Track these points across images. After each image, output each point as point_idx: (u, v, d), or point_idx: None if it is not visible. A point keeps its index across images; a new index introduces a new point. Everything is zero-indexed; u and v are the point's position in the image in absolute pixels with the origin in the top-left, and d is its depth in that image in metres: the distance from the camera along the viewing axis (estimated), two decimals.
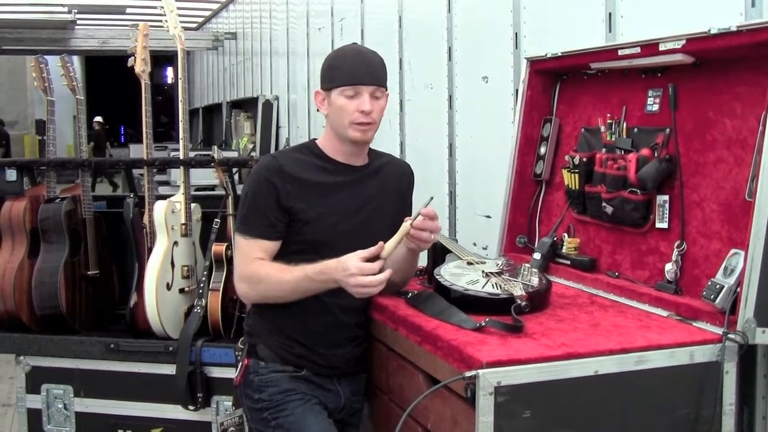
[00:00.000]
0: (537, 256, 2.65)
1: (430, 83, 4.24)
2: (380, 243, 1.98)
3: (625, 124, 2.47)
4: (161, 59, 20.45)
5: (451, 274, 2.20)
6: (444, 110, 4.08)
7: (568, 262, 2.59)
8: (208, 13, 11.41)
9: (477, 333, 1.89)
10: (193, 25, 12.55)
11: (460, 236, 3.72)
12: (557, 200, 2.80)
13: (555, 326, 1.97)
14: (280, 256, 2.18)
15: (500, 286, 2.11)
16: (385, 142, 4.59)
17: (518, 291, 2.06)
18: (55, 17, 9.86)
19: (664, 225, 2.29)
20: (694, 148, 2.22)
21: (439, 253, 2.47)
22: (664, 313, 2.11)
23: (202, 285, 3.09)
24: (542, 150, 2.84)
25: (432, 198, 2.12)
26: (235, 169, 3.35)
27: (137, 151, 8.66)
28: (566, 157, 2.67)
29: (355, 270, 1.96)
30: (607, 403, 1.77)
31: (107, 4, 9.99)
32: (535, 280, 2.17)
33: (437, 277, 2.18)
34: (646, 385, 1.80)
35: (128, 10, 10.50)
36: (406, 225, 2.03)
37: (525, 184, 2.88)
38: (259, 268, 2.14)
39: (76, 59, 18.09)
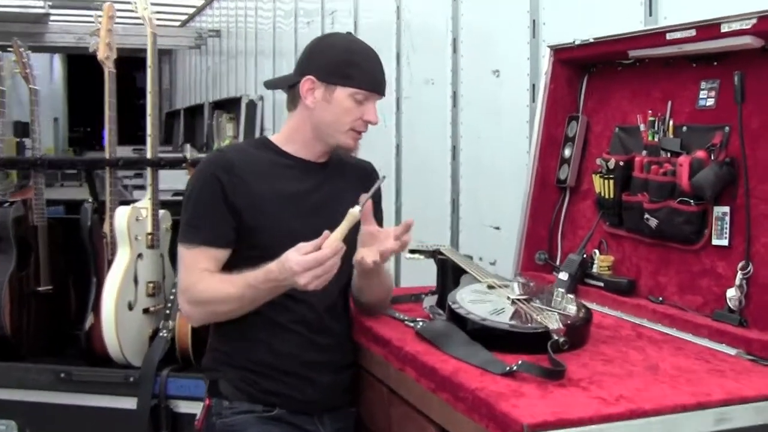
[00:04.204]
0: (563, 276, 2.26)
1: (432, 78, 3.86)
2: (325, 232, 1.66)
3: (671, 122, 2.10)
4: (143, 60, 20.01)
5: (469, 300, 1.80)
6: (447, 108, 3.72)
7: (602, 284, 2.20)
8: (192, 11, 11.04)
9: (508, 379, 1.49)
10: (176, 23, 12.19)
11: (464, 250, 3.31)
12: (584, 211, 2.42)
13: (604, 370, 1.56)
14: (232, 266, 1.83)
15: (531, 316, 1.71)
16: (380, 143, 4.24)
17: (554, 323, 1.66)
18: (28, 10, 9.43)
19: (724, 242, 1.91)
20: (764, 150, 1.83)
21: (451, 274, 2.07)
22: (731, 351, 1.72)
23: (170, 305, 2.73)
24: (567, 152, 2.46)
25: (384, 177, 1.84)
26: None
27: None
28: (598, 161, 2.30)
29: (299, 268, 1.62)
30: None
31: None
32: (572, 309, 1.78)
33: (452, 304, 1.78)
34: None
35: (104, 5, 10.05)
36: (353, 212, 1.69)
37: (546, 191, 2.50)
38: (199, 283, 1.80)
39: (57, 57, 17.46)
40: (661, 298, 2.06)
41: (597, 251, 2.28)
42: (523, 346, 1.64)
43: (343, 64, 1.88)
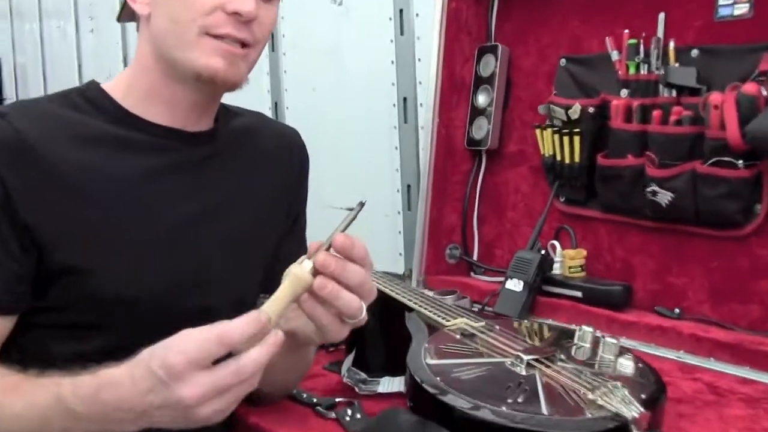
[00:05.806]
0: (515, 285, 1.52)
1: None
2: (253, 312, 0.78)
3: (672, 44, 1.39)
4: None
5: (453, 372, 0.99)
6: (263, 53, 2.80)
7: (579, 294, 1.47)
8: None
9: None
10: None
11: None
12: (515, 182, 1.72)
13: None
14: (34, 350, 0.93)
15: (582, 396, 0.93)
16: None
17: (632, 408, 0.89)
18: None
19: None
20: None
21: (379, 314, 1.23)
22: None
23: None
24: (482, 100, 1.73)
25: (363, 204, 0.90)
26: None
27: None
28: (542, 109, 1.59)
29: (199, 393, 0.76)
30: None
31: None
32: (628, 366, 1.01)
33: (431, 389, 0.95)
34: None
35: None
36: (299, 275, 0.83)
37: (454, 158, 1.77)
38: None
39: None
40: (678, 311, 1.38)
41: (557, 243, 1.55)
42: None
43: None
